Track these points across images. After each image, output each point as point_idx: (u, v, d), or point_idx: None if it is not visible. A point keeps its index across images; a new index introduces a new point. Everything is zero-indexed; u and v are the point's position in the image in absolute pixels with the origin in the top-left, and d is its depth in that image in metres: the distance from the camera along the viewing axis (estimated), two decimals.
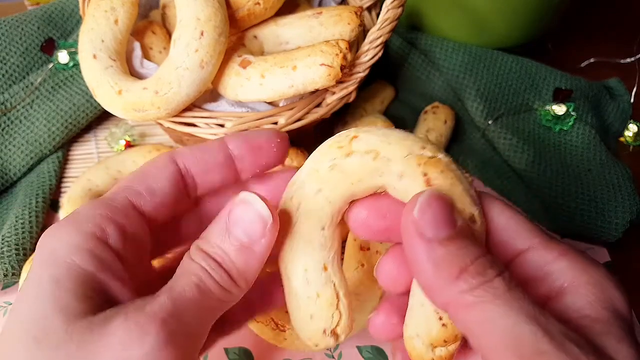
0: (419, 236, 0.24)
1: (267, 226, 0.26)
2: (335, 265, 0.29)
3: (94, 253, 0.24)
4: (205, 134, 0.49)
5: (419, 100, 0.67)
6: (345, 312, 0.29)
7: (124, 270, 0.25)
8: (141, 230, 0.27)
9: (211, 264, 0.26)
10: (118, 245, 0.25)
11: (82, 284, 0.24)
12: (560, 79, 0.65)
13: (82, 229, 0.25)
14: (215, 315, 0.26)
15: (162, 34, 0.55)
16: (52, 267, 0.24)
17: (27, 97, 0.59)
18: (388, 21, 0.48)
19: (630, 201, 0.55)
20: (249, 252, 0.26)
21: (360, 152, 0.26)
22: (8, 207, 0.56)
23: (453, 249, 0.23)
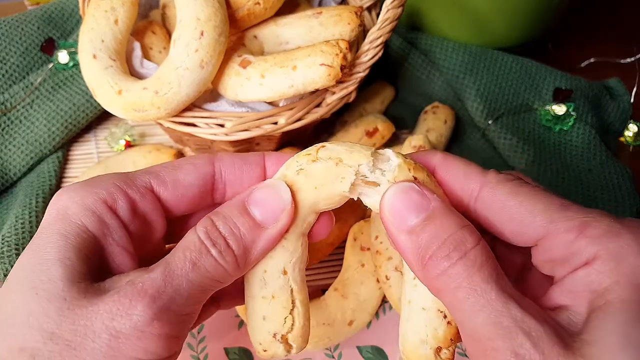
0: (393, 229, 0.25)
1: (285, 210, 0.26)
2: (297, 272, 0.29)
3: (101, 218, 0.25)
4: (205, 134, 0.49)
5: (419, 100, 0.67)
6: (299, 320, 0.28)
7: (129, 241, 0.26)
8: (154, 212, 0.28)
9: (214, 236, 0.26)
10: (126, 217, 0.26)
11: (86, 245, 0.25)
12: (560, 79, 0.65)
13: (94, 193, 0.26)
14: (207, 294, 0.26)
15: (162, 34, 0.55)
16: (62, 223, 0.25)
17: (27, 97, 0.59)
18: (388, 21, 0.48)
19: (630, 201, 0.55)
20: (260, 232, 0.26)
21: (324, 158, 0.27)
22: (8, 207, 0.56)
23: (421, 237, 0.25)
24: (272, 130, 0.49)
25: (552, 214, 0.25)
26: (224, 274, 0.26)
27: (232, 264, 0.26)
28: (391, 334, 0.50)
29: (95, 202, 0.26)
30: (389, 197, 0.26)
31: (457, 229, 0.24)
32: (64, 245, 0.24)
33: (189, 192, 0.28)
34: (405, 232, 0.25)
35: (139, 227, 0.27)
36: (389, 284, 0.45)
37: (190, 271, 0.25)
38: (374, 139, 0.59)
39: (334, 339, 0.47)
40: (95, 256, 0.25)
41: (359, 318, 0.47)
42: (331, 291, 0.48)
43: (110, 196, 0.26)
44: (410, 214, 0.25)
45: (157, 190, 0.28)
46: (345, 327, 0.47)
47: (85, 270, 0.24)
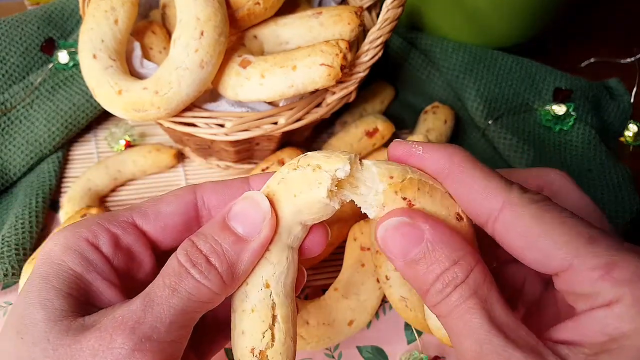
0: (394, 262, 0.26)
1: (265, 219, 0.26)
2: (282, 286, 0.28)
3: (83, 255, 0.26)
4: (205, 134, 0.49)
5: (419, 100, 0.67)
6: (280, 336, 0.27)
7: (114, 275, 0.27)
8: (138, 245, 0.28)
9: (195, 257, 0.25)
10: (109, 251, 0.27)
11: (68, 283, 0.25)
12: (560, 79, 0.65)
13: (76, 233, 0.27)
14: (194, 316, 0.26)
15: (162, 34, 0.55)
16: (44, 266, 0.26)
17: (27, 97, 0.59)
18: (388, 21, 0.48)
19: (630, 201, 0.55)
20: (243, 246, 0.26)
21: (303, 166, 0.27)
22: (8, 207, 0.55)
23: (419, 269, 0.25)
24: (272, 130, 0.49)
25: (578, 248, 0.24)
26: (209, 293, 0.26)
27: (217, 282, 0.26)
28: (391, 334, 0.50)
29: (77, 241, 0.26)
30: (381, 232, 0.26)
31: (450, 264, 0.25)
32: (44, 287, 0.25)
33: (171, 222, 0.29)
34: (403, 264, 0.26)
35: (124, 261, 0.28)
36: (389, 284, 0.45)
37: (170, 297, 0.24)
38: (374, 139, 0.59)
39: (334, 338, 0.47)
40: (80, 293, 0.25)
41: (359, 318, 0.47)
42: (331, 291, 0.48)
43: (92, 233, 0.27)
44: (404, 248, 0.25)
45: (140, 223, 0.28)
46: (345, 327, 0.47)
47: (68, 308, 0.24)
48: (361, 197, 0.27)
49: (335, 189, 0.27)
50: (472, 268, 0.25)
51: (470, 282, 0.24)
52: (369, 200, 0.27)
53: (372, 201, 0.27)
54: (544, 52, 0.74)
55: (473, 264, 0.25)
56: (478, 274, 0.25)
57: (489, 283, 0.25)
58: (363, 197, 0.27)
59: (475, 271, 0.25)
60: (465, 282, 0.24)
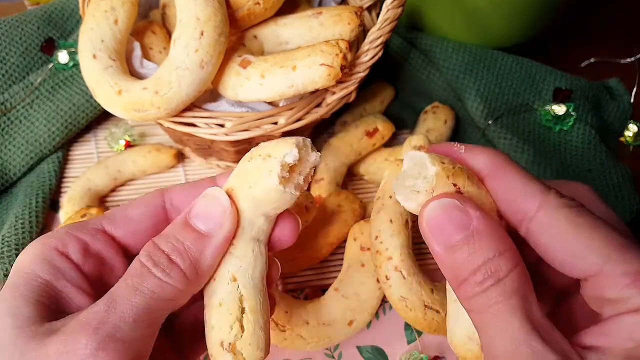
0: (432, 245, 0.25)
1: (225, 213, 0.27)
2: (250, 279, 0.28)
3: (52, 263, 0.27)
4: (205, 134, 0.49)
5: (419, 100, 0.67)
6: (249, 327, 0.27)
7: (84, 281, 0.27)
8: (108, 250, 0.28)
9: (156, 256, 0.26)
10: (79, 258, 0.27)
11: (37, 290, 0.26)
12: (560, 79, 0.65)
13: (45, 243, 0.27)
14: (161, 314, 0.26)
15: (162, 34, 0.55)
16: (14, 276, 0.26)
17: (27, 97, 0.59)
18: (388, 21, 0.48)
19: (630, 201, 0.55)
20: (205, 241, 0.27)
21: (255, 157, 0.28)
22: (8, 207, 0.55)
23: (458, 258, 0.25)
24: (272, 130, 0.49)
25: (610, 254, 0.24)
26: (173, 290, 0.26)
27: (180, 279, 0.26)
28: (391, 334, 0.50)
29: (46, 250, 0.27)
30: (429, 212, 0.25)
31: (494, 255, 0.24)
32: (13, 295, 0.25)
33: (140, 226, 0.29)
34: (444, 249, 0.25)
35: (95, 267, 0.28)
36: (389, 284, 0.45)
37: (132, 296, 0.25)
38: (374, 139, 0.59)
39: (334, 338, 0.47)
40: (49, 300, 0.26)
41: (359, 318, 0.47)
42: (331, 291, 0.48)
43: (61, 242, 0.27)
44: (449, 232, 0.25)
45: (109, 229, 0.29)
46: (345, 327, 0.47)
47: (36, 314, 0.25)
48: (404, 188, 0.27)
49: (287, 175, 0.27)
50: (516, 265, 0.24)
51: (513, 278, 0.24)
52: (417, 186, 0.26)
53: (421, 186, 0.26)
54: (544, 52, 0.74)
55: (517, 261, 0.25)
56: (520, 272, 0.24)
57: (529, 283, 0.25)
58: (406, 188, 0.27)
59: (518, 268, 0.24)
60: (508, 277, 0.24)
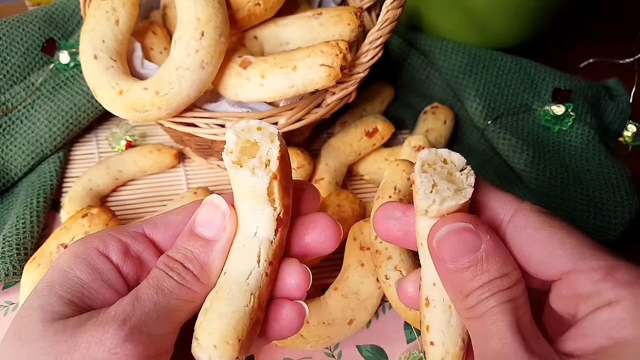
0: (439, 262, 0.27)
1: (225, 218, 0.28)
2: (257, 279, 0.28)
3: (91, 263, 0.28)
4: (205, 134, 0.49)
5: (418, 100, 0.68)
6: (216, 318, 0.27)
7: (122, 283, 0.28)
8: (147, 252, 0.30)
9: (171, 264, 0.28)
10: (118, 260, 0.29)
11: (72, 290, 0.27)
12: (559, 79, 0.65)
13: (87, 243, 0.28)
14: (180, 314, 0.27)
15: (162, 35, 0.55)
16: (52, 273, 0.28)
17: (28, 97, 0.59)
18: (388, 22, 0.48)
19: (629, 201, 0.55)
20: (211, 246, 0.28)
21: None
22: (9, 207, 0.56)
23: (467, 275, 0.26)
24: None
25: (583, 251, 0.26)
26: (189, 292, 0.27)
27: (194, 281, 0.28)
28: (391, 333, 0.50)
29: (87, 250, 0.28)
30: (441, 233, 0.26)
31: (499, 276, 0.26)
32: (47, 293, 0.26)
33: (179, 231, 0.30)
34: (452, 269, 0.26)
35: (134, 269, 0.29)
36: (389, 284, 0.45)
37: (155, 294, 0.26)
38: (374, 139, 0.59)
39: (334, 338, 0.47)
40: (82, 301, 0.27)
41: (359, 317, 0.47)
42: (331, 290, 0.48)
43: (103, 243, 0.29)
44: (460, 255, 0.26)
45: (149, 233, 0.30)
46: (345, 326, 0.47)
47: (67, 311, 0.26)
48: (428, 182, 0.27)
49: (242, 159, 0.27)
50: (517, 282, 0.26)
51: (512, 291, 0.26)
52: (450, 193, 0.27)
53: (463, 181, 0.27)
54: (544, 52, 0.74)
55: (518, 279, 0.26)
56: (520, 286, 0.26)
57: (526, 298, 0.26)
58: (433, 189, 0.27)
59: (519, 284, 0.26)
60: (508, 289, 0.26)
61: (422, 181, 0.27)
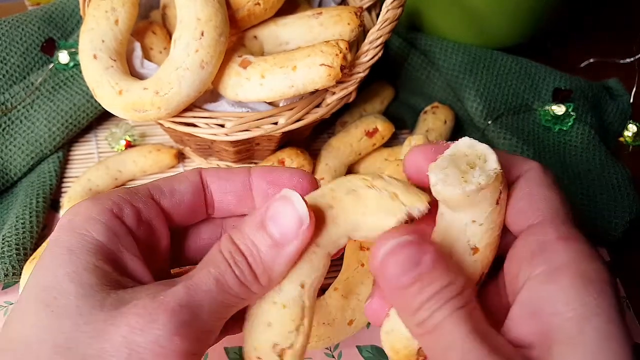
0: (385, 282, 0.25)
1: (302, 227, 0.25)
2: (312, 292, 0.28)
3: (107, 226, 0.26)
4: (205, 134, 0.49)
5: (418, 100, 0.67)
6: (301, 340, 0.27)
7: (136, 248, 0.26)
8: (157, 220, 0.28)
9: (237, 257, 0.26)
10: (132, 224, 0.27)
11: (94, 254, 0.24)
12: (559, 79, 0.65)
13: (100, 204, 0.26)
14: (231, 311, 0.26)
15: (162, 34, 0.55)
16: (66, 236, 0.25)
17: (27, 97, 0.59)
18: (388, 21, 0.48)
19: (629, 201, 0.55)
20: (279, 250, 0.26)
21: (379, 188, 0.26)
22: (8, 207, 0.56)
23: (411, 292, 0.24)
24: (272, 130, 0.49)
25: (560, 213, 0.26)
26: (247, 291, 0.26)
27: (254, 282, 0.26)
28: None
29: (101, 212, 0.26)
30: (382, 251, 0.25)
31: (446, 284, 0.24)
32: (69, 259, 0.24)
33: (185, 199, 0.29)
34: (395, 289, 0.25)
35: (145, 235, 0.27)
36: None
37: (214, 286, 0.24)
38: (374, 139, 0.59)
39: (334, 338, 0.47)
40: (107, 264, 0.25)
41: (359, 318, 0.47)
42: (331, 291, 0.48)
43: (116, 205, 0.26)
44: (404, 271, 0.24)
45: (157, 198, 0.28)
46: (345, 326, 0.47)
47: (97, 281, 0.24)
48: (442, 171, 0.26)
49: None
50: (464, 287, 0.25)
51: (463, 296, 0.24)
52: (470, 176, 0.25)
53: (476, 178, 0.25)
54: (544, 52, 0.74)
55: (465, 284, 0.25)
56: (469, 291, 0.25)
57: (477, 302, 0.25)
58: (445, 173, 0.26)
59: (467, 289, 0.25)
60: (456, 297, 0.24)
61: (438, 162, 0.27)
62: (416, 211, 0.26)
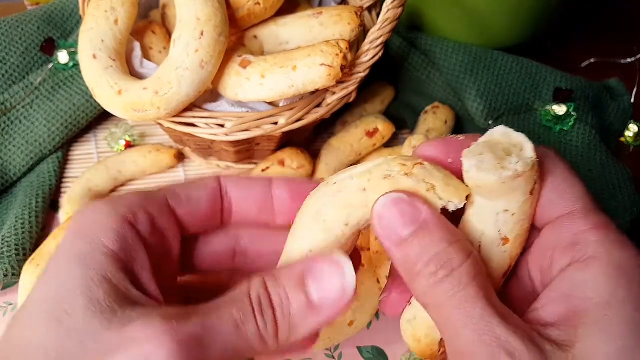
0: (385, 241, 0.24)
1: (344, 296, 0.24)
2: None
3: (120, 233, 0.24)
4: (205, 134, 0.49)
5: (419, 100, 0.67)
6: None
7: (148, 258, 0.25)
8: (170, 226, 0.27)
9: (265, 307, 0.24)
10: (146, 231, 0.26)
11: (106, 264, 0.23)
12: (560, 79, 0.65)
13: (113, 209, 0.25)
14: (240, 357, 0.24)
15: (161, 34, 0.55)
16: (79, 243, 0.24)
17: (26, 97, 0.59)
18: (388, 21, 0.48)
19: (630, 201, 0.55)
20: (311, 313, 0.24)
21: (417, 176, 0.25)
22: (8, 207, 0.55)
23: (409, 251, 0.24)
24: (272, 130, 0.49)
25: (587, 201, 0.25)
26: (262, 345, 0.24)
27: (273, 337, 0.24)
28: (391, 334, 0.50)
29: (114, 217, 0.25)
30: (380, 208, 0.24)
31: (445, 246, 0.24)
32: (81, 271, 0.23)
33: (200, 206, 0.28)
34: (395, 244, 0.24)
35: (158, 244, 0.26)
36: None
37: (232, 331, 0.23)
38: (374, 139, 0.59)
39: (334, 339, 0.47)
40: (117, 276, 0.24)
41: (359, 318, 0.47)
42: None
43: (131, 212, 0.25)
44: (399, 225, 0.24)
45: (172, 204, 0.27)
46: (345, 327, 0.47)
47: (105, 296, 0.23)
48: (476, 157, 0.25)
49: None
50: (468, 254, 0.24)
51: (467, 268, 0.23)
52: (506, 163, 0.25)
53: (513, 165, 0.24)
54: (544, 52, 0.74)
55: (468, 251, 0.24)
56: (474, 261, 0.24)
57: (484, 272, 0.24)
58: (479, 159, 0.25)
59: (471, 258, 0.24)
60: (462, 267, 0.23)
61: (472, 148, 0.26)
62: (451, 206, 0.25)
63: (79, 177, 0.57)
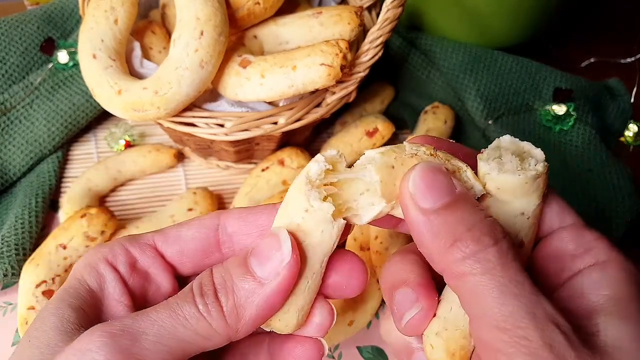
0: (416, 207, 0.24)
1: (283, 262, 0.24)
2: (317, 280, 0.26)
3: (100, 273, 0.27)
4: (205, 134, 0.49)
5: (419, 100, 0.67)
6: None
7: (126, 295, 0.27)
8: (155, 267, 0.28)
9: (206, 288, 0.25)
10: (125, 272, 0.28)
11: (82, 297, 0.26)
12: (560, 79, 0.65)
13: (99, 252, 0.28)
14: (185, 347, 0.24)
15: (161, 34, 0.55)
16: (69, 281, 0.27)
17: (26, 97, 0.59)
18: (388, 21, 0.48)
19: (630, 201, 0.55)
20: (257, 288, 0.24)
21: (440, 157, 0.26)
22: (8, 207, 0.55)
23: (449, 218, 0.23)
24: (272, 130, 0.49)
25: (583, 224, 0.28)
26: (208, 328, 0.24)
27: (219, 319, 0.24)
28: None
29: (98, 260, 0.27)
30: (416, 173, 0.24)
31: (483, 217, 0.23)
32: (62, 298, 0.26)
33: (189, 246, 0.28)
34: (430, 211, 0.23)
35: (140, 282, 0.28)
36: None
37: (167, 316, 0.24)
38: (374, 139, 0.59)
39: (334, 339, 0.47)
40: (90, 308, 0.26)
41: (359, 318, 0.47)
42: None
43: (112, 253, 0.28)
44: (436, 194, 0.23)
45: (160, 246, 0.28)
46: (345, 327, 0.47)
47: (77, 320, 0.25)
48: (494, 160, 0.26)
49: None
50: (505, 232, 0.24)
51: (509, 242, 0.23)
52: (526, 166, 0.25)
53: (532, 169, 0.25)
54: (544, 52, 0.74)
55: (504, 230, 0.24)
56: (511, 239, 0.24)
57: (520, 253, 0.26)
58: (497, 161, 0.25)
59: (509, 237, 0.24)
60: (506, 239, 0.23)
61: (489, 152, 0.26)
62: (478, 190, 0.25)
63: (79, 177, 0.57)
